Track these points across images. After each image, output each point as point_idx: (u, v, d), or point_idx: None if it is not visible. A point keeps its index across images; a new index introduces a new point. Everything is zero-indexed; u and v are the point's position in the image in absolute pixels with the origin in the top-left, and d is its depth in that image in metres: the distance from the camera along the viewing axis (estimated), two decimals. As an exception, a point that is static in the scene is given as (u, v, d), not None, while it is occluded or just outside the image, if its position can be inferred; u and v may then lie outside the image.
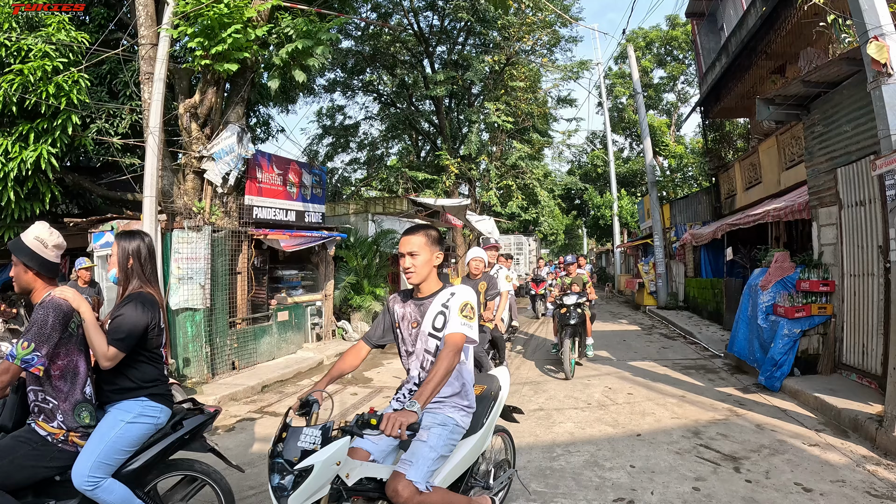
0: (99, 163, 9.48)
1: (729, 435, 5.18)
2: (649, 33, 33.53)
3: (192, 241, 7.95)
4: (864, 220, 6.03)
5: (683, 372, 8.02)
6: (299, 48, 8.10)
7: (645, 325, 13.99)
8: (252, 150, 9.04)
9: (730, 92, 12.89)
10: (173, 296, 7.80)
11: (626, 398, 6.68)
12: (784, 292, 7.05)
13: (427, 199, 17.60)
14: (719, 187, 15.58)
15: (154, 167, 7.48)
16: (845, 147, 6.33)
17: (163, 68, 7.57)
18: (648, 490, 4.03)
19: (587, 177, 35.41)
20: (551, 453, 4.87)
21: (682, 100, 35.16)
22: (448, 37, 21.86)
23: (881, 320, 5.72)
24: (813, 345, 6.81)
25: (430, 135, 25.28)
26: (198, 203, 8.38)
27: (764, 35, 10.02)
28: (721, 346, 9.51)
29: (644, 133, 18.19)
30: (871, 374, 5.91)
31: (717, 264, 14.54)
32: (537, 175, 23.75)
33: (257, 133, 14.35)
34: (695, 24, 15.56)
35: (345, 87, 23.73)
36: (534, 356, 9.74)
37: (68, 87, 7.31)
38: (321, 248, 11.29)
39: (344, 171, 27.38)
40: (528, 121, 22.70)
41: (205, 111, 8.48)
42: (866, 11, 4.67)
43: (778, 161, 10.97)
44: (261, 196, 9.96)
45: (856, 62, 5.49)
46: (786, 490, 3.94)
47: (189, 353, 7.90)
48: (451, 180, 20.87)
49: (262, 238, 9.43)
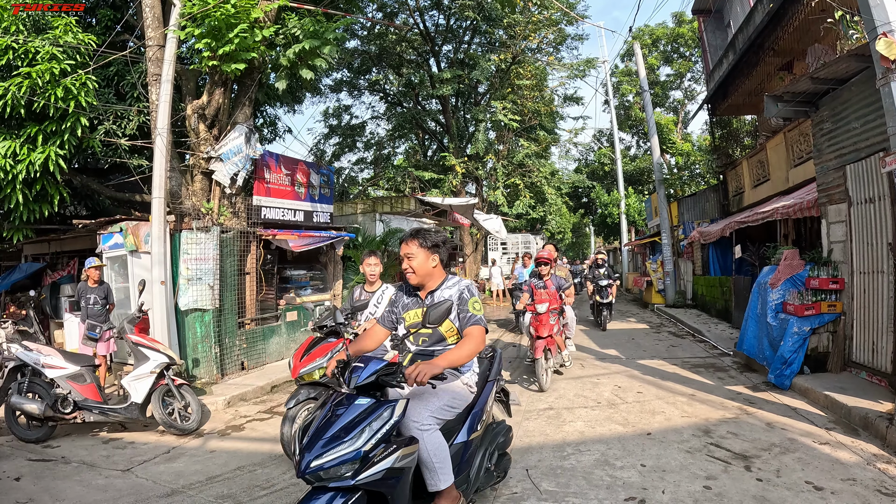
0: (107, 164, 9.52)
1: (739, 433, 5.15)
2: (655, 30, 33.35)
3: (201, 242, 7.99)
4: (874, 217, 5.99)
5: (693, 370, 7.98)
6: (306, 48, 8.11)
7: (653, 324, 13.95)
8: (260, 151, 9.07)
9: (737, 89, 12.82)
10: (182, 297, 7.84)
11: (636, 397, 6.66)
12: (793, 290, 7.01)
13: (434, 199, 17.62)
14: (727, 185, 15.51)
15: (162, 168, 7.53)
16: (854, 144, 6.29)
17: (170, 69, 7.61)
18: (660, 489, 4.02)
19: (594, 175, 35.29)
20: (562, 452, 4.86)
21: (689, 97, 34.94)
22: (454, 36, 21.86)
23: (891, 318, 5.68)
24: (823, 343, 6.77)
25: (437, 134, 25.28)
26: (206, 204, 8.42)
27: (771, 31, 9.96)
28: (730, 344, 9.46)
29: (651, 130, 18.11)
30: (882, 372, 5.86)
31: (725, 262, 14.47)
32: (544, 173, 23.73)
33: (264, 133, 14.39)
34: (701, 20, 15.48)
35: (351, 86, 23.77)
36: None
37: (76, 90, 7.34)
38: (329, 248, 11.31)
39: (351, 171, 27.46)
40: (534, 119, 22.70)
41: (212, 112, 8.52)
42: (875, 7, 4.64)
43: (786, 158, 10.90)
44: (269, 196, 9.99)
45: (864, 58, 5.44)
46: (797, 489, 3.92)
47: (198, 353, 7.94)
48: (458, 179, 20.88)
49: (270, 238, 9.46)
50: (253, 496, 4.10)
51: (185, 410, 5.97)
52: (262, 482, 4.36)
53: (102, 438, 5.84)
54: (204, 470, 4.75)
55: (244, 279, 8.99)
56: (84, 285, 7.58)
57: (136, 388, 5.83)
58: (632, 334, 12.01)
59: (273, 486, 4.29)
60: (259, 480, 4.37)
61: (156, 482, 4.50)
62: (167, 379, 5.95)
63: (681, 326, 12.96)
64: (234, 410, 6.88)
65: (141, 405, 5.83)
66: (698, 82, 34.17)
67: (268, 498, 4.11)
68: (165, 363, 5.98)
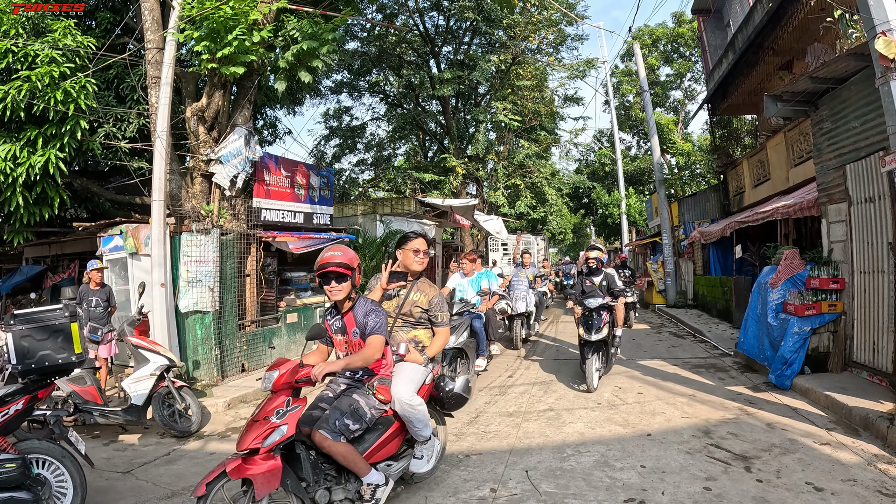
0: (107, 167, 9.52)
1: (739, 434, 5.15)
2: (655, 30, 33.33)
3: (201, 244, 7.98)
4: (874, 216, 5.98)
5: (693, 371, 7.98)
6: (304, 49, 8.12)
7: (654, 324, 13.94)
8: (259, 153, 9.06)
9: (737, 88, 12.82)
10: (182, 299, 7.84)
11: (636, 398, 6.66)
12: (794, 290, 7.01)
13: (435, 200, 17.62)
14: (727, 184, 15.50)
15: (162, 171, 7.53)
16: (854, 143, 6.28)
17: (169, 72, 7.62)
18: (659, 490, 4.02)
19: (595, 175, 35.27)
20: (562, 454, 4.87)
21: (689, 97, 34.91)
22: (454, 37, 21.85)
23: (892, 318, 5.68)
24: (823, 343, 6.77)
25: (437, 135, 25.28)
26: (206, 206, 8.41)
27: (770, 31, 9.95)
28: (731, 344, 9.46)
29: (651, 131, 18.11)
30: (882, 372, 5.86)
31: (725, 262, 14.47)
32: (545, 174, 23.73)
33: (264, 135, 14.40)
34: (701, 20, 15.48)
35: (351, 88, 23.75)
36: (544, 355, 9.73)
37: (76, 93, 7.35)
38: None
39: (351, 173, 27.44)
40: (535, 119, 22.69)
41: (212, 114, 8.52)
42: (873, 6, 4.64)
43: (786, 158, 10.90)
44: (269, 198, 9.98)
45: (863, 58, 5.44)
46: (797, 490, 3.92)
47: (199, 355, 7.94)
48: (459, 180, 20.88)
49: (270, 240, 9.45)
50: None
51: (185, 412, 5.97)
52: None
53: (103, 440, 5.84)
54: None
55: (244, 281, 8.99)
56: (86, 288, 7.59)
57: (137, 391, 5.83)
58: (632, 335, 11.99)
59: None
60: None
61: (156, 484, 4.51)
62: (167, 381, 5.94)
63: (681, 327, 12.96)
64: (235, 412, 6.87)
65: (141, 407, 5.83)
66: (698, 82, 34.14)
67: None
68: (166, 365, 5.98)
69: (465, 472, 4.54)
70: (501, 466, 4.63)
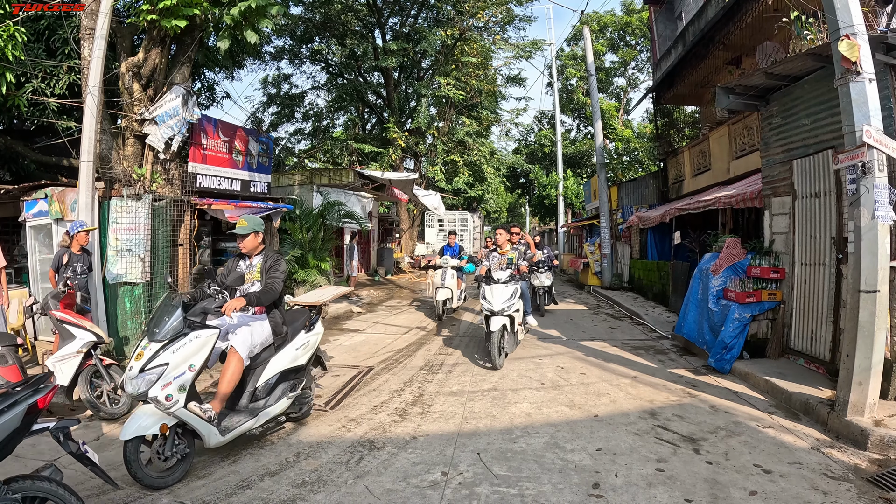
0: (33, 125, 8.80)
1: (685, 416, 5.29)
2: (603, 17, 33.88)
3: (132, 211, 7.46)
4: (819, 211, 6.22)
5: (633, 352, 8.16)
6: (252, 7, 7.61)
7: (591, 305, 14.25)
8: (197, 115, 8.50)
9: (684, 80, 13.10)
10: (111, 269, 7.32)
11: (580, 378, 6.74)
12: (735, 277, 7.24)
13: (374, 172, 17.43)
14: (667, 172, 15.93)
15: (92, 130, 6.92)
16: (803, 140, 6.49)
17: (105, 23, 6.94)
18: (612, 472, 4.05)
19: (534, 156, 35.74)
20: (510, 435, 4.84)
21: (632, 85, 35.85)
22: (401, 8, 21.45)
23: (831, 308, 5.95)
24: (762, 329, 7.05)
25: (377, 107, 24.94)
26: (138, 169, 7.87)
27: (723, 26, 10.16)
28: (668, 327, 9.75)
29: (595, 115, 18.35)
30: (819, 360, 6.15)
31: (663, 247, 14.92)
32: (484, 152, 23.87)
33: (202, 99, 13.69)
34: (652, 10, 15.68)
35: (292, 55, 23.06)
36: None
37: (2, 42, 6.66)
38: (266, 220, 10.87)
39: (288, 142, 26.67)
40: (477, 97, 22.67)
41: (148, 71, 7.90)
42: (839, 9, 4.72)
43: (729, 150, 11.25)
44: (205, 164, 9.48)
45: (822, 58, 5.58)
46: (746, 472, 4.03)
47: (128, 330, 7.46)
48: (398, 154, 20.67)
49: (205, 208, 9.00)
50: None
51: (114, 393, 5.53)
52: (239, 479, 4.10)
53: (24, 423, 5.35)
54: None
55: (177, 251, 8.50)
56: (67, 251, 6.76)
57: (62, 370, 5.38)
58: (570, 315, 12.21)
59: (249, 478, 4.04)
60: (236, 476, 4.10)
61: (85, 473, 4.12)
62: (95, 359, 5.53)
63: (618, 308, 13.30)
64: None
65: (67, 388, 5.42)
66: (642, 71, 35.10)
67: (244, 495, 3.87)
68: (93, 342, 5.57)
69: (413, 455, 4.43)
70: (450, 448, 4.55)
